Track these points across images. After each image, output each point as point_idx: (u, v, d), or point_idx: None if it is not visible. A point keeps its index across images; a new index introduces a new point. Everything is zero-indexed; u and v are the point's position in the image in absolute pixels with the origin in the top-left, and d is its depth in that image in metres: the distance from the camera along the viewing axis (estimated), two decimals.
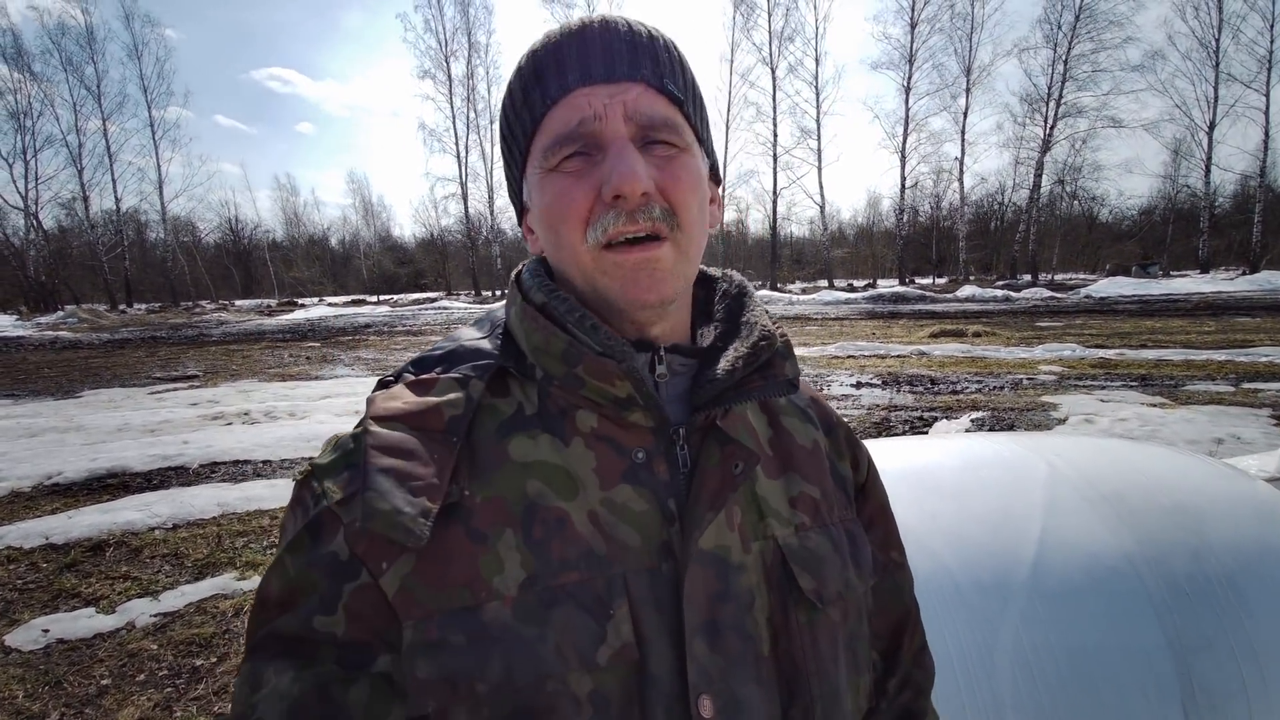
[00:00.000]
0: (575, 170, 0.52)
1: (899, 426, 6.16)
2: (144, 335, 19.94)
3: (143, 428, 6.90)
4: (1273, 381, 7.66)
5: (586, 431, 0.53)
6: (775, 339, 0.58)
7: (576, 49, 0.52)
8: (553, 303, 0.55)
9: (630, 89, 0.52)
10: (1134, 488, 1.49)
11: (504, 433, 0.52)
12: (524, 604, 0.47)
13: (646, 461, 0.53)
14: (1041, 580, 1.31)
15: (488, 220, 45.79)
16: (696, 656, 0.49)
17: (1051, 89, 37.98)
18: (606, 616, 0.47)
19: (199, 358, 13.77)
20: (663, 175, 0.52)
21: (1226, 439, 5.32)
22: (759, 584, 0.54)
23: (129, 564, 3.66)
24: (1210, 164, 37.29)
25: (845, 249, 59.62)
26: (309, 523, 0.48)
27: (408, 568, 0.46)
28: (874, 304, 25.74)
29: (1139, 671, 1.17)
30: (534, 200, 0.56)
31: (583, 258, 0.53)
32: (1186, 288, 26.57)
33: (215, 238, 59.53)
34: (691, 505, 0.52)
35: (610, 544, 0.50)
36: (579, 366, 0.52)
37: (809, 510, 0.59)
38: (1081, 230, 49.28)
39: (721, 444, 0.54)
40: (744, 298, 0.64)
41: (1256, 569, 1.23)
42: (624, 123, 0.52)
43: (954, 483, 1.58)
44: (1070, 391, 7.50)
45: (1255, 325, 13.84)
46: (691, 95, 0.56)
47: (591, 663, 0.46)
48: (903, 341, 12.82)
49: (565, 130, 0.52)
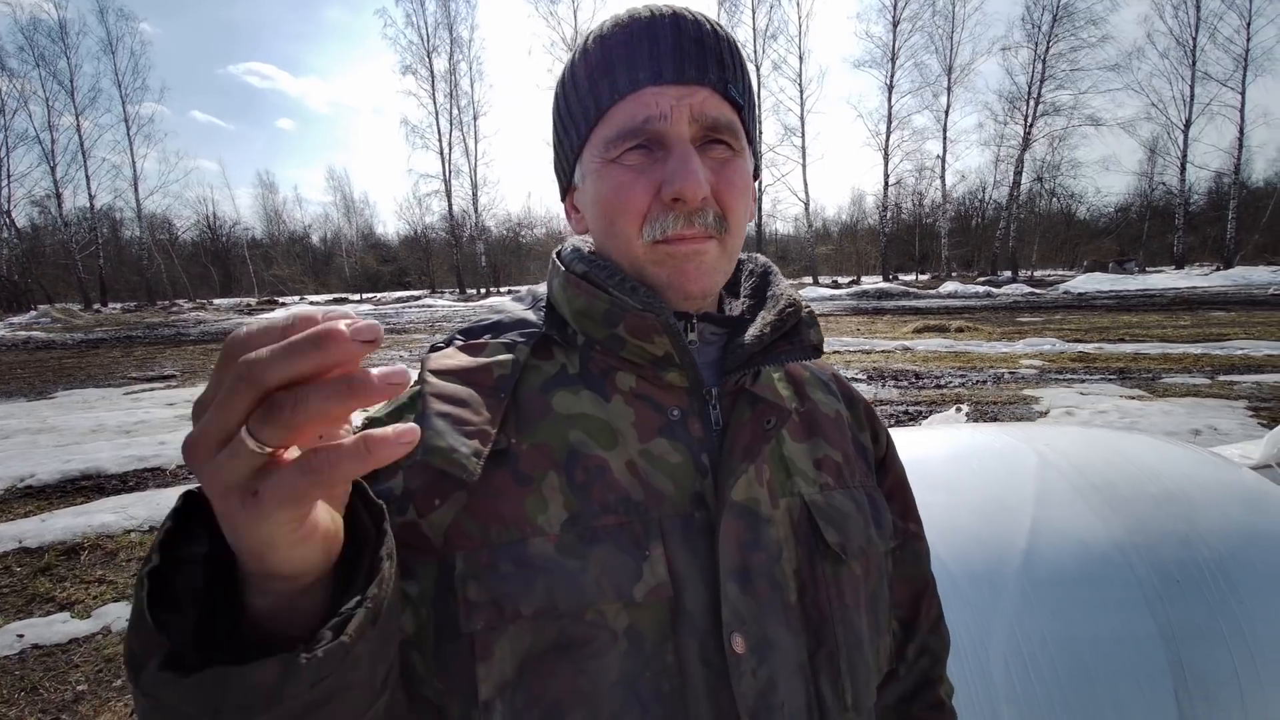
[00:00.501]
0: (636, 164, 0.54)
1: (885, 421, 6.20)
2: (119, 335, 19.52)
3: (118, 429, 6.76)
4: (1248, 374, 7.82)
5: (626, 390, 0.57)
6: (800, 308, 0.62)
7: (648, 45, 0.54)
8: (594, 271, 0.58)
9: (698, 92, 0.54)
10: (1123, 476, 1.50)
11: (548, 389, 0.56)
12: (566, 541, 0.50)
13: (682, 419, 0.56)
14: (1034, 569, 1.31)
15: (472, 218, 45.44)
16: (729, 597, 0.51)
17: (1031, 87, 38.50)
18: (643, 557, 0.51)
19: (176, 357, 13.51)
20: (718, 180, 0.55)
21: (1204, 430, 5.42)
22: (786, 537, 0.57)
23: (104, 567, 3.57)
24: (1186, 161, 38.03)
25: (830, 246, 60.02)
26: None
27: (460, 504, 0.50)
28: (858, 300, 25.93)
29: (1131, 659, 1.18)
30: (588, 186, 0.58)
31: (635, 249, 0.56)
32: (1162, 283, 27.08)
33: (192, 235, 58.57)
34: (726, 456, 0.55)
35: (647, 491, 0.53)
36: (620, 325, 0.55)
37: (832, 472, 0.63)
38: (1060, 227, 50.05)
39: (752, 404, 0.58)
40: (769, 275, 0.67)
41: (1246, 555, 1.23)
42: (688, 125, 0.54)
43: (946, 473, 1.58)
44: (1051, 385, 7.59)
45: (1230, 320, 14.13)
46: (749, 99, 0.59)
47: (629, 597, 0.49)
48: (887, 337, 12.92)
49: (631, 125, 0.54)
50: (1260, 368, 8.23)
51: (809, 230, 43.91)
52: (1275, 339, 10.64)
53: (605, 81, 0.55)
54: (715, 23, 0.57)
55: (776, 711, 0.52)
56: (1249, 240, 41.41)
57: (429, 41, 43.35)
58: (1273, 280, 25.94)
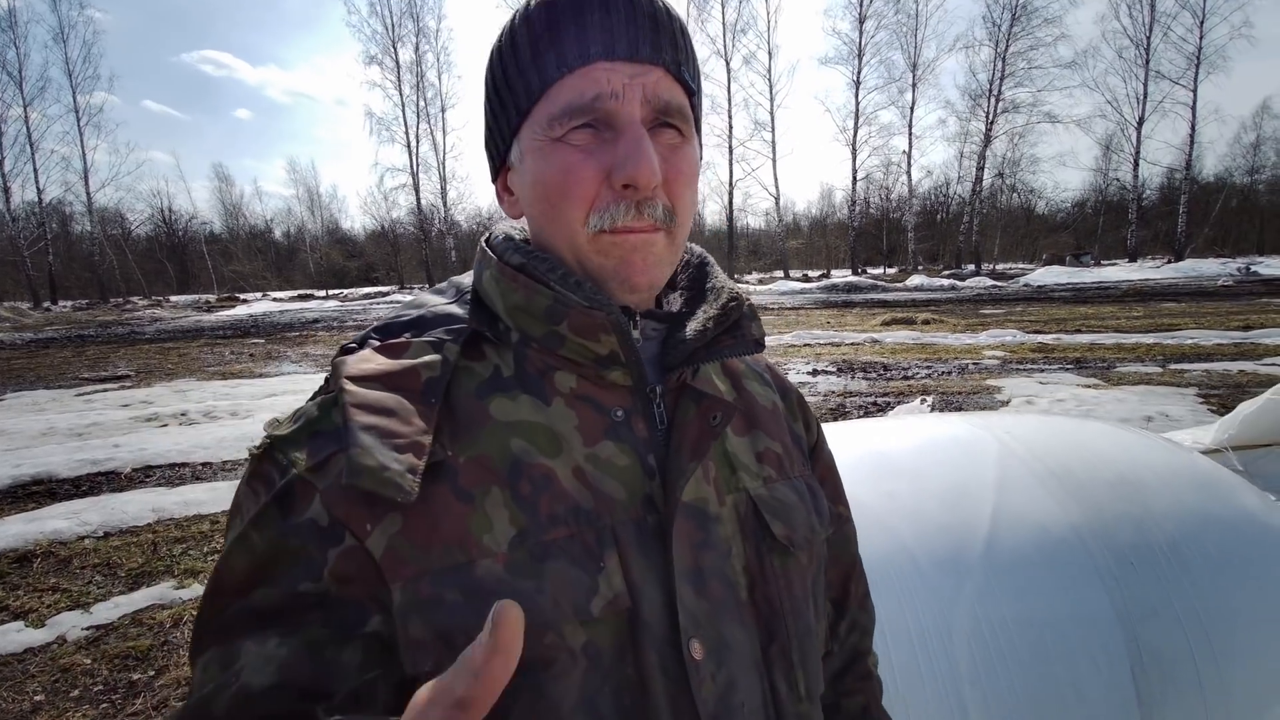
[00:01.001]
0: (583, 145, 0.51)
1: (854, 412, 6.30)
2: (70, 334, 18.76)
3: (70, 431, 6.49)
4: (1197, 362, 8.14)
5: (566, 392, 0.53)
6: (743, 300, 0.59)
7: (599, 16, 0.50)
8: (532, 263, 0.54)
9: (652, 72, 0.51)
10: (1079, 462, 1.54)
11: (483, 394, 0.52)
12: (516, 560, 0.47)
13: (626, 419, 0.54)
14: (995, 555, 1.34)
15: (440, 212, 44.77)
16: (685, 602, 0.50)
17: (992, 85, 39.38)
18: (598, 568, 0.48)
19: (131, 357, 13.03)
20: (668, 167, 0.52)
21: (1156, 417, 5.62)
22: (734, 534, 0.56)
23: (58, 575, 3.43)
24: (1139, 158, 39.36)
25: (800, 240, 60.65)
26: (277, 494, 0.47)
27: (395, 527, 0.46)
28: (828, 294, 26.26)
29: (1089, 641, 1.21)
30: (527, 166, 0.54)
31: (578, 237, 0.52)
32: (1117, 275, 28.02)
33: (147, 230, 56.55)
34: (674, 457, 0.53)
35: (597, 498, 0.50)
36: (563, 323, 0.52)
37: (774, 464, 0.62)
38: (1020, 221, 51.38)
39: (696, 400, 0.56)
40: (706, 266, 0.64)
41: (1198, 537, 1.27)
42: (640, 106, 0.50)
43: (910, 462, 1.60)
44: (1012, 375, 7.80)
45: (1180, 310, 14.69)
46: (699, 84, 0.56)
47: (586, 613, 0.47)
48: (856, 330, 13.11)
49: (580, 102, 0.50)
50: (1209, 356, 8.57)
51: (779, 224, 44.32)
52: (1224, 329, 11.09)
53: (551, 53, 0.50)
54: (668, 2, 0.54)
55: (736, 712, 0.51)
56: (1199, 234, 43.11)
57: (394, 31, 42.51)
58: (1222, 272, 27.04)
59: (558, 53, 0.50)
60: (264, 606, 0.45)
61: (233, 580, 0.46)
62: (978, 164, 39.98)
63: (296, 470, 0.46)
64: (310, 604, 0.45)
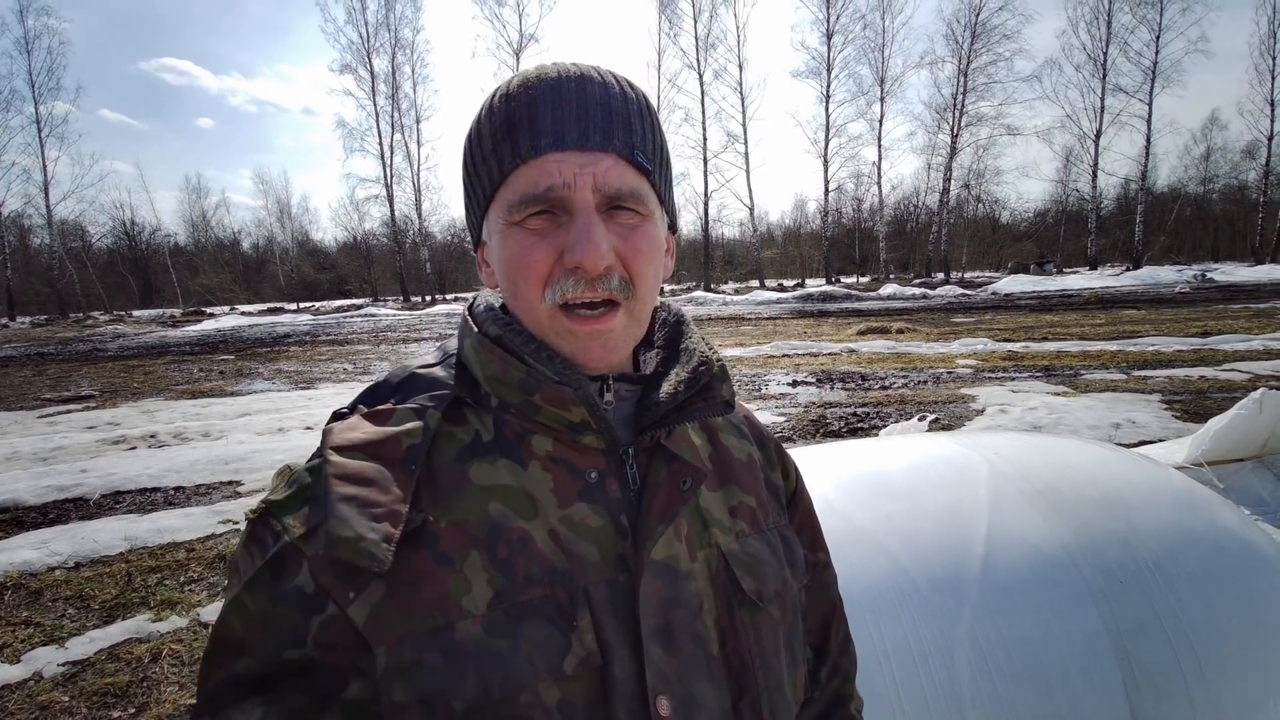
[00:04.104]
0: (538, 229, 0.54)
1: (834, 423, 6.38)
2: (29, 352, 18.10)
3: (33, 456, 6.26)
4: (1159, 368, 8.43)
5: (542, 455, 0.56)
6: (713, 364, 0.62)
7: (551, 108, 0.53)
8: (508, 335, 0.57)
9: (601, 160, 0.53)
10: (1065, 481, 1.59)
11: (464, 459, 0.54)
12: (493, 620, 0.49)
13: (600, 481, 0.56)
14: (991, 575, 1.38)
15: (415, 223, 44.34)
16: (653, 659, 0.52)
17: (956, 99, 40.49)
18: (571, 627, 0.50)
19: (94, 375, 12.63)
20: (624, 245, 0.54)
21: (1123, 423, 5.81)
22: (705, 589, 0.57)
23: (29, 608, 3.31)
24: (1097, 169, 40.76)
25: (775, 250, 61.39)
26: (269, 560, 0.49)
27: (378, 594, 0.48)
28: (804, 303, 26.61)
29: (1082, 658, 1.25)
30: (494, 245, 0.58)
31: (539, 314, 0.55)
32: (1079, 284, 28.88)
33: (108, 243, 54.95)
34: (644, 519, 0.55)
35: (571, 559, 0.52)
36: (536, 394, 0.54)
37: (747, 518, 0.64)
38: (986, 231, 52.70)
39: (668, 462, 0.58)
40: (681, 325, 0.67)
41: (1182, 554, 1.33)
42: (592, 193, 0.53)
43: (904, 483, 1.64)
44: (985, 383, 7.99)
45: (1141, 317, 15.21)
46: (660, 161, 0.58)
47: (559, 672, 0.49)
48: (833, 339, 13.31)
49: (533, 192, 0.53)
50: (1171, 362, 8.89)
51: (754, 234, 44.84)
52: (1183, 335, 11.51)
53: (507, 144, 0.53)
54: (626, 82, 0.56)
55: None
56: (1156, 242, 44.69)
57: (369, 41, 42.17)
58: (1179, 279, 28.06)
59: (513, 144, 0.53)
60: (249, 674, 0.48)
61: (227, 641, 0.49)
62: (945, 175, 41.03)
63: (288, 537, 0.49)
64: (293, 671, 0.47)
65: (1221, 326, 12.38)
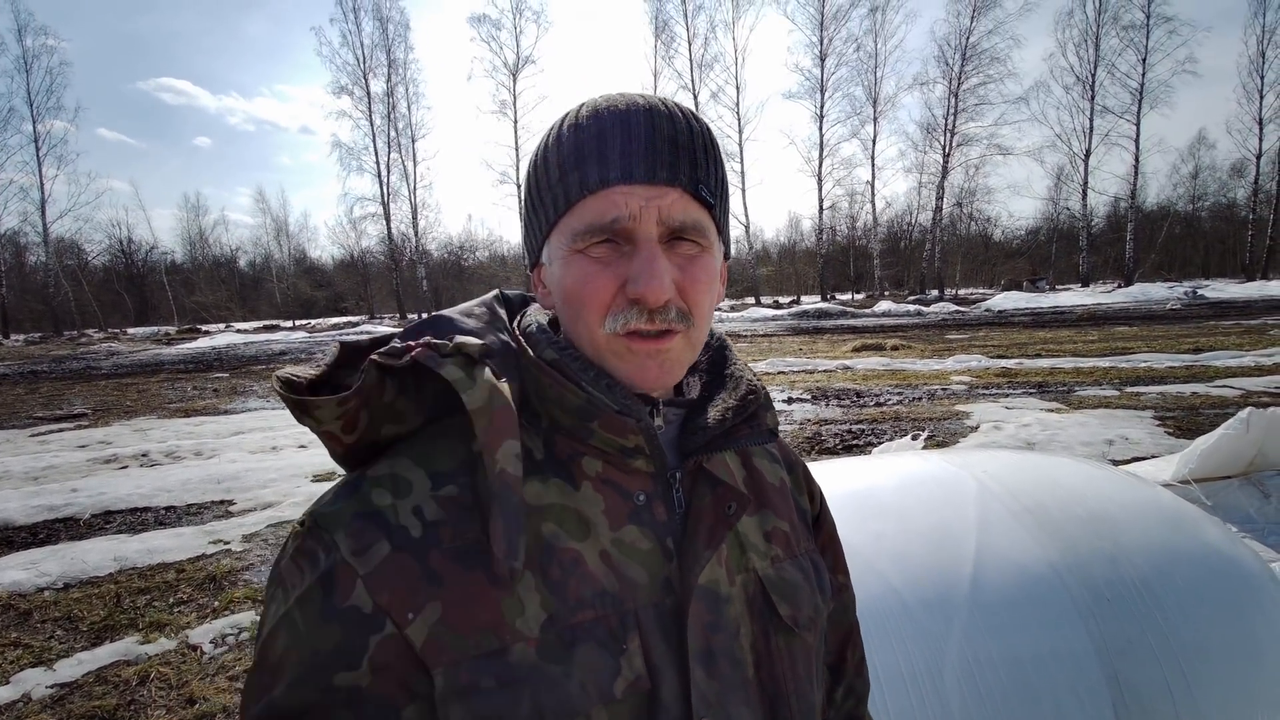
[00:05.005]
0: (601, 257, 0.54)
1: (830, 440, 6.39)
2: (23, 370, 18.00)
3: (24, 475, 6.21)
4: (1152, 385, 8.48)
5: (593, 476, 0.56)
6: (760, 392, 0.63)
7: (620, 141, 0.53)
8: (565, 360, 0.57)
9: (668, 194, 0.54)
10: (1052, 499, 1.60)
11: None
12: (547, 643, 0.49)
13: (647, 503, 0.56)
14: (980, 594, 1.38)
15: (412, 241, 44.50)
16: (698, 683, 0.52)
17: (947, 119, 41.06)
18: (620, 650, 0.50)
19: (87, 394, 12.56)
20: (684, 277, 0.55)
21: (1117, 440, 5.83)
22: (742, 613, 0.58)
23: (18, 629, 3.27)
24: (1087, 188, 41.27)
25: (770, 267, 61.70)
26: (321, 576, 0.48)
27: (435, 615, 0.47)
28: (799, 320, 26.70)
29: (1071, 676, 1.25)
30: (555, 271, 0.58)
31: (598, 339, 0.56)
32: (1071, 300, 29.09)
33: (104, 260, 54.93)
34: (689, 543, 0.56)
35: (622, 582, 0.53)
36: (594, 421, 0.54)
37: (782, 543, 0.64)
38: (979, 248, 53.18)
39: (712, 486, 0.59)
40: (725, 351, 0.68)
41: (1167, 572, 1.34)
42: (656, 225, 0.54)
43: (894, 503, 1.64)
44: (979, 400, 8.01)
45: (1133, 334, 15.32)
46: (721, 194, 0.59)
47: (609, 695, 0.49)
48: (828, 356, 13.35)
49: (599, 222, 0.53)
50: (1163, 379, 8.94)
51: (750, 252, 45.13)
52: (1175, 351, 11.59)
53: (575, 174, 0.54)
54: (691, 114, 0.57)
55: None
56: (1146, 259, 45.16)
57: (365, 63, 42.64)
58: (1170, 296, 28.31)
59: (581, 175, 0.54)
60: (288, 707, 0.46)
61: (273, 658, 0.48)
62: (937, 194, 41.46)
63: (341, 553, 0.48)
64: (341, 701, 0.46)
65: (1213, 343, 12.48)
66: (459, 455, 0.53)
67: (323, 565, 0.48)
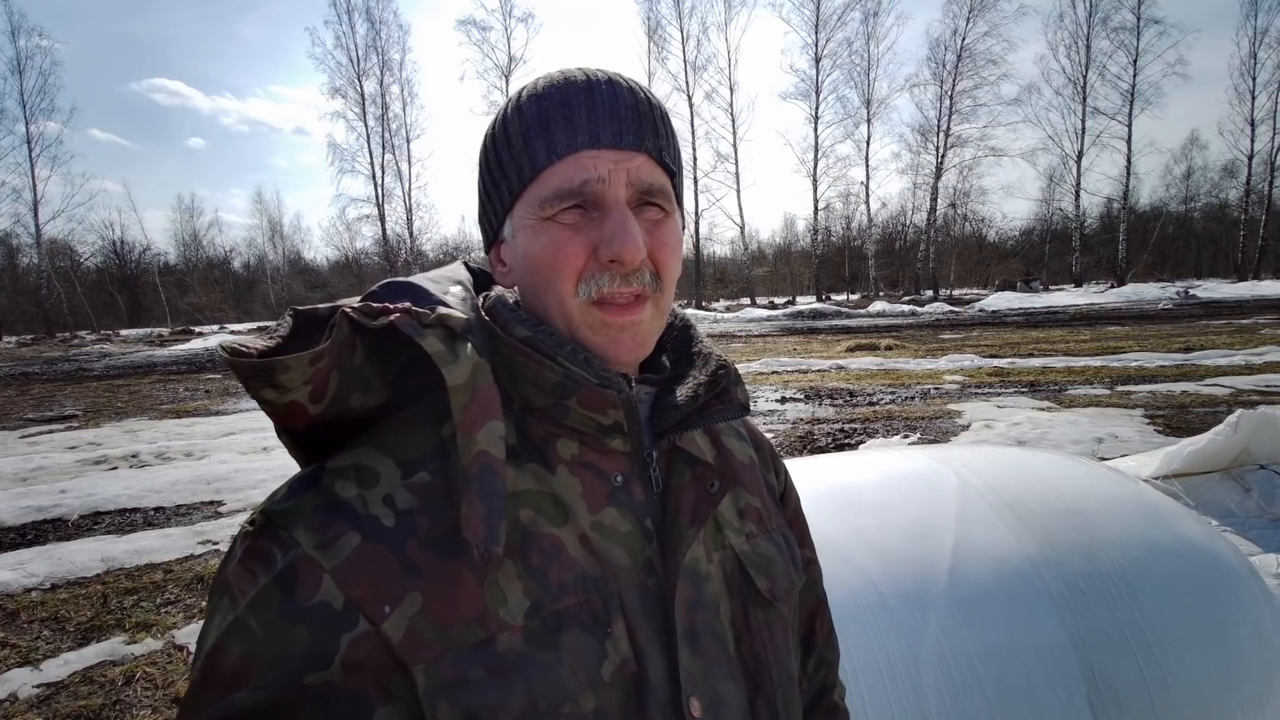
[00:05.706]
0: (571, 224, 0.54)
1: (822, 439, 6.40)
2: (14, 371, 17.89)
3: (14, 476, 6.18)
4: (1143, 384, 8.52)
5: (568, 459, 0.55)
6: (730, 368, 0.63)
7: (586, 109, 0.54)
8: (539, 337, 0.55)
9: (635, 158, 0.55)
10: (1031, 493, 1.61)
11: None
12: (533, 631, 0.48)
13: (624, 484, 0.56)
14: (957, 587, 1.39)
15: (406, 242, 44.40)
16: (684, 661, 0.52)
17: (940, 121, 41.20)
18: (606, 634, 0.50)
19: (78, 395, 12.49)
20: (653, 240, 0.56)
21: (1106, 438, 5.86)
22: (721, 590, 0.59)
23: (5, 629, 3.26)
24: (1080, 189, 41.46)
25: (765, 268, 61.80)
26: (278, 576, 0.44)
27: (415, 607, 0.45)
28: (794, 320, 26.74)
29: (1047, 669, 1.26)
30: (519, 241, 0.57)
31: (569, 309, 0.55)
32: (1064, 300, 29.20)
33: (97, 262, 54.64)
34: (672, 523, 0.56)
35: (603, 565, 0.52)
36: (572, 399, 0.53)
37: (755, 520, 0.65)
38: (973, 249, 53.40)
39: (691, 465, 0.59)
40: (690, 330, 0.68)
41: (1144, 565, 1.35)
42: (625, 188, 0.54)
43: (874, 497, 1.65)
44: (971, 399, 8.04)
45: (1125, 333, 15.39)
46: (679, 165, 0.60)
47: (597, 679, 0.49)
48: (822, 356, 13.37)
49: (568, 186, 0.53)
50: (1154, 378, 8.98)
51: (745, 253, 45.18)
52: (1166, 350, 11.65)
53: (541, 141, 0.54)
54: (649, 92, 0.58)
55: None
56: (1139, 259, 45.38)
57: (359, 65, 42.53)
58: (1162, 296, 28.46)
59: (547, 141, 0.54)
60: (254, 707, 0.42)
61: (221, 672, 0.44)
62: (931, 195, 41.57)
63: (301, 549, 0.45)
64: (310, 698, 0.43)
65: (1204, 342, 12.54)
66: (429, 441, 0.51)
67: (280, 564, 0.45)
